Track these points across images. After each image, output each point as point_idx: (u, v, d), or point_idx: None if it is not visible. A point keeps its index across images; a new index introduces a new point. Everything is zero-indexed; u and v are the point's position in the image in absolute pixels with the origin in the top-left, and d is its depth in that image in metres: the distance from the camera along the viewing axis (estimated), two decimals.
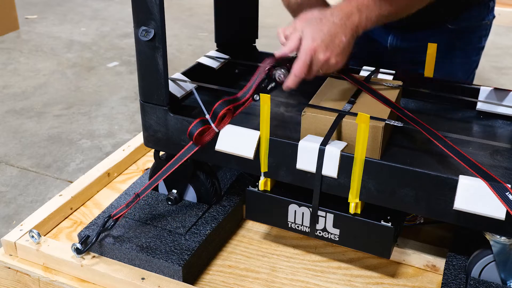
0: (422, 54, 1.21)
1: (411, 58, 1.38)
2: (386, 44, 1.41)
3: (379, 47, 1.42)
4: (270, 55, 1.29)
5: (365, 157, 0.87)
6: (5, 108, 3.11)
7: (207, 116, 0.96)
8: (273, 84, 0.99)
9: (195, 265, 0.99)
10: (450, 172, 0.88)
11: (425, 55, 1.17)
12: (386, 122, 0.91)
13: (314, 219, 0.95)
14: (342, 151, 0.89)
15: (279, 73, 0.98)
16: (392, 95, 1.01)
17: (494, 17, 1.41)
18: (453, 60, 1.37)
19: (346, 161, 0.88)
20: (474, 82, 1.39)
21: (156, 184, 1.00)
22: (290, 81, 0.96)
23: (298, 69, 0.95)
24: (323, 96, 1.01)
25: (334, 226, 0.94)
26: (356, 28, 0.97)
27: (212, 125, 0.96)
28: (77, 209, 1.17)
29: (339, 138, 0.94)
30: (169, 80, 1.05)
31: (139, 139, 1.35)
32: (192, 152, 0.97)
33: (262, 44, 1.17)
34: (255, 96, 0.97)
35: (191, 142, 0.96)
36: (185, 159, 0.97)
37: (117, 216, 1.00)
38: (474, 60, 1.42)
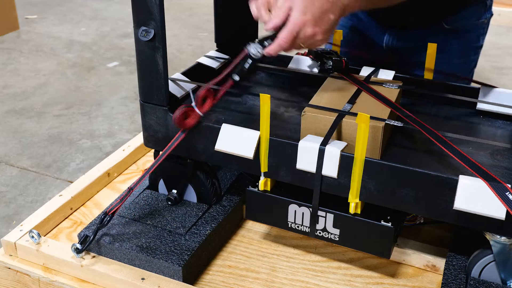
0: (418, 54, 1.20)
1: (408, 58, 1.38)
2: (382, 44, 1.41)
3: (375, 47, 1.42)
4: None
5: (365, 157, 0.87)
6: (5, 108, 3.11)
7: (193, 102, 0.97)
8: (249, 61, 0.97)
9: (195, 265, 0.99)
10: (450, 172, 0.88)
11: (421, 55, 1.16)
12: (386, 122, 0.91)
13: (314, 219, 0.95)
14: (342, 151, 0.89)
15: (253, 48, 0.95)
16: (392, 95, 1.01)
17: (491, 15, 1.40)
18: (451, 59, 1.37)
19: (346, 161, 0.88)
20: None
21: (147, 176, 1.01)
22: (273, 49, 0.94)
23: (284, 38, 0.92)
24: (323, 96, 1.01)
25: (334, 226, 0.94)
26: (344, 8, 0.95)
27: (195, 107, 0.96)
28: (77, 209, 1.17)
29: (339, 138, 0.94)
30: (169, 80, 1.05)
31: (139, 139, 1.35)
32: (180, 140, 0.98)
33: None
34: (233, 76, 0.96)
35: (180, 130, 0.98)
36: (173, 147, 0.99)
37: (112, 211, 1.00)
38: (473, 60, 1.41)
